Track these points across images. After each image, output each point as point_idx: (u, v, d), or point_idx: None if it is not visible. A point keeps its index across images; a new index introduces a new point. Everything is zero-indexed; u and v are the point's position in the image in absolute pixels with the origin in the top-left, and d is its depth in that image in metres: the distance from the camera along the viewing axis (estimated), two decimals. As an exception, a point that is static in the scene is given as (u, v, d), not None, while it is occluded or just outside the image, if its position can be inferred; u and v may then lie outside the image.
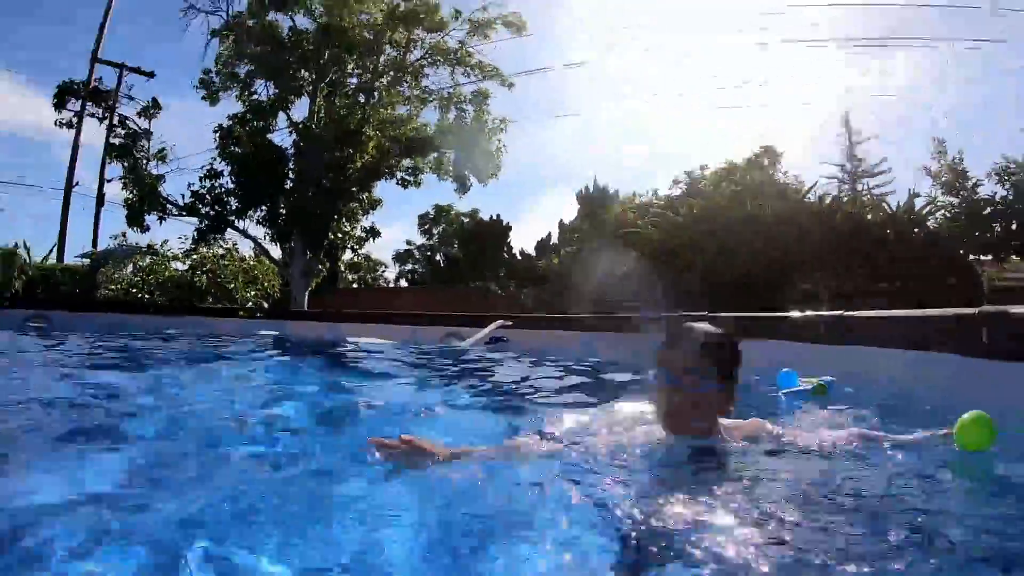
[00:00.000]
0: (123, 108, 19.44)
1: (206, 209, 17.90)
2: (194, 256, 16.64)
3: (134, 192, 17.52)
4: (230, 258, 16.82)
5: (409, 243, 36.09)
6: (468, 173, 19.07)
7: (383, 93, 18.39)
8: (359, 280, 32.54)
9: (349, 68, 18.43)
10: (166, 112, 19.05)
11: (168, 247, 16.84)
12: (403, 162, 18.71)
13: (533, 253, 28.88)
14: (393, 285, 34.71)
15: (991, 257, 14.49)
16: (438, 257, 35.67)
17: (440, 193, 40.56)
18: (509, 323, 7.06)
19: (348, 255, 23.26)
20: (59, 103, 19.20)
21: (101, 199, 20.09)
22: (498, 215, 33.68)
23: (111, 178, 19.60)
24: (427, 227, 35.65)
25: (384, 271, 35.60)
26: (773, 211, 10.44)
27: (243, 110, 18.12)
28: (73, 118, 19.47)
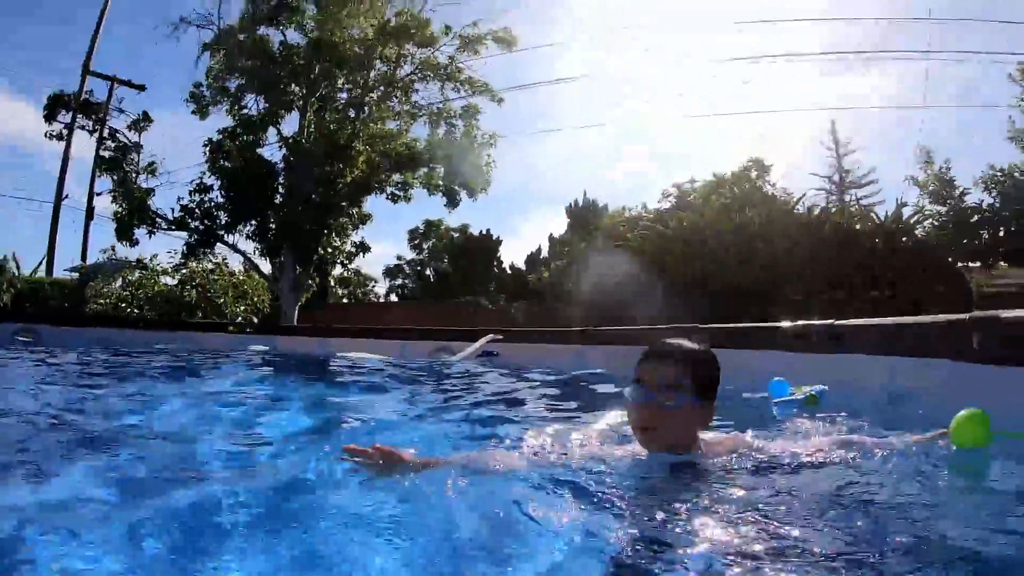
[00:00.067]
0: (114, 121, 19.32)
1: (196, 223, 17.83)
2: (183, 271, 16.57)
3: (124, 206, 17.44)
4: (220, 273, 16.74)
5: (399, 258, 36.14)
6: (458, 188, 19.10)
7: (373, 108, 18.46)
8: (349, 295, 32.49)
9: (339, 83, 18.48)
10: (156, 125, 18.96)
11: (157, 261, 16.77)
12: (393, 177, 18.73)
13: (523, 267, 28.86)
14: (383, 300, 34.66)
15: (979, 264, 14.66)
16: (428, 272, 35.62)
17: (430, 208, 40.61)
18: (500, 337, 7.00)
19: (338, 270, 23.19)
20: (49, 115, 18.98)
21: (91, 212, 19.93)
22: (488, 230, 33.83)
23: (101, 191, 19.55)
24: (417, 242, 35.65)
25: (374, 286, 35.64)
26: (762, 222, 10.49)
27: (233, 124, 18.11)
28: (63, 130, 19.27)
